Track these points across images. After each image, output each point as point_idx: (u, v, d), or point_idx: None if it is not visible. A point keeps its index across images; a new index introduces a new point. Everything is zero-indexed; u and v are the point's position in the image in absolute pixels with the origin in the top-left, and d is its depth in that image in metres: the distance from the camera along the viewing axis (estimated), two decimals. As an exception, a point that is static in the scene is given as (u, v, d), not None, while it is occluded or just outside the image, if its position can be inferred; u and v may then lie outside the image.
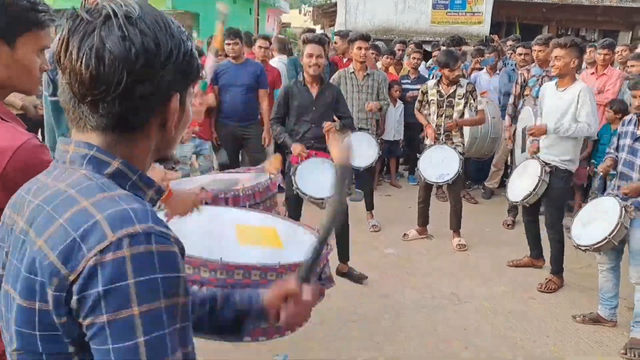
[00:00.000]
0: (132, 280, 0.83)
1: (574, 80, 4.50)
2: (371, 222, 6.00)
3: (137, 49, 0.89)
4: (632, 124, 3.86)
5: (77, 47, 0.89)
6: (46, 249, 0.86)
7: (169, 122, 1.00)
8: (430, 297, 4.48)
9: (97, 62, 0.88)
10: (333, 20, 17.13)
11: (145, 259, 0.84)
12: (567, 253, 4.69)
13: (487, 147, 6.88)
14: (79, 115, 0.95)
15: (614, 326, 4.04)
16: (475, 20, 15.11)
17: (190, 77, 1.01)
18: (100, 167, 0.95)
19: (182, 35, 0.97)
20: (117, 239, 0.83)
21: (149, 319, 0.84)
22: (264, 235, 2.56)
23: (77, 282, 0.83)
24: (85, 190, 0.90)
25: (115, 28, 0.89)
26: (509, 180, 5.12)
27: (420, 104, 5.70)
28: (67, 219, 0.87)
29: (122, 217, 0.86)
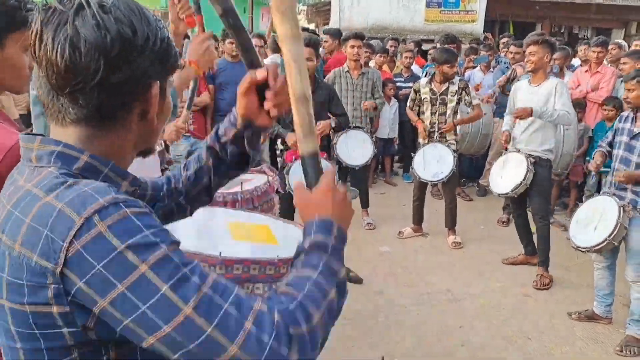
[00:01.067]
0: (122, 245, 0.81)
1: (546, 75, 4.69)
2: (366, 219, 5.99)
3: (113, 36, 0.88)
4: (629, 121, 3.85)
5: (51, 38, 0.88)
6: (27, 252, 0.85)
7: (150, 111, 0.99)
8: (425, 294, 4.47)
9: (73, 52, 0.87)
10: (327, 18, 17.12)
11: (124, 223, 0.83)
12: (562, 250, 4.70)
13: (478, 144, 6.87)
14: (58, 108, 0.93)
15: (609, 323, 4.04)
16: (469, 19, 15.13)
17: (168, 65, 0.99)
18: (69, 163, 0.93)
19: (158, 23, 0.96)
20: (85, 219, 0.82)
21: (161, 267, 0.83)
22: (257, 232, 2.55)
23: (67, 272, 0.82)
24: (48, 187, 0.88)
25: (89, 16, 0.87)
26: (490, 174, 5.15)
27: (413, 102, 5.69)
28: (33, 218, 0.86)
29: (82, 198, 0.84)
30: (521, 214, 5.01)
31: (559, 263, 4.94)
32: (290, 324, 0.88)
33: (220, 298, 0.85)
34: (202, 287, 0.84)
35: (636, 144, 3.73)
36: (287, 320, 0.88)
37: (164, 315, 0.82)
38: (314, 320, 0.92)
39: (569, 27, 16.88)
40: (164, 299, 0.81)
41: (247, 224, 2.66)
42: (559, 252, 4.85)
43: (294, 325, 0.88)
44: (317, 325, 0.92)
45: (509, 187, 4.72)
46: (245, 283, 1.92)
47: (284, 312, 0.89)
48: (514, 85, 5.11)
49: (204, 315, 0.83)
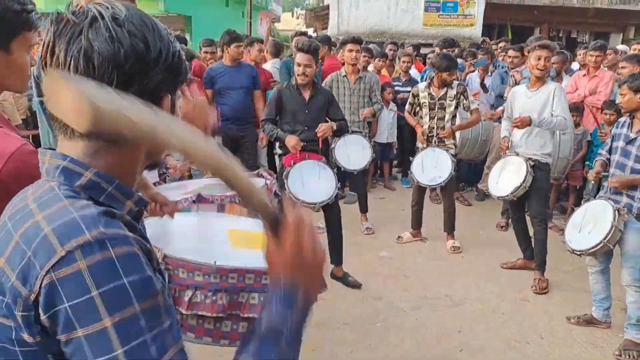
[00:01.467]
0: (96, 291, 0.79)
1: (545, 81, 4.71)
2: (365, 224, 5.99)
3: (126, 50, 0.87)
4: (626, 126, 3.87)
5: (64, 50, 0.87)
6: (8, 270, 0.84)
7: None
8: (424, 298, 4.47)
9: (86, 64, 0.86)
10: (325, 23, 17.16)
11: (105, 266, 0.80)
12: (560, 254, 4.71)
13: (478, 149, 6.88)
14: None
15: (608, 327, 4.04)
16: (467, 23, 15.18)
17: (179, 78, 0.99)
18: (71, 179, 0.91)
19: (170, 37, 0.96)
20: (67, 252, 0.80)
21: (124, 328, 0.80)
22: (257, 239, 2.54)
23: (39, 301, 0.80)
24: (45, 203, 0.87)
25: (102, 29, 0.87)
26: (488, 178, 5.16)
27: (412, 106, 5.70)
28: (21, 235, 0.85)
29: (69, 227, 0.82)
30: (520, 218, 5.02)
31: (557, 267, 4.95)
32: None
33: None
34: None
35: (631, 149, 3.75)
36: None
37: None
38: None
39: (567, 31, 16.94)
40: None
41: (246, 231, 2.65)
42: (558, 257, 4.85)
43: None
44: None
45: (508, 190, 4.73)
46: (241, 292, 1.91)
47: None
48: (512, 91, 5.12)
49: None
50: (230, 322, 1.93)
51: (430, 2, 15.12)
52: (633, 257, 3.71)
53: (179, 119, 1.06)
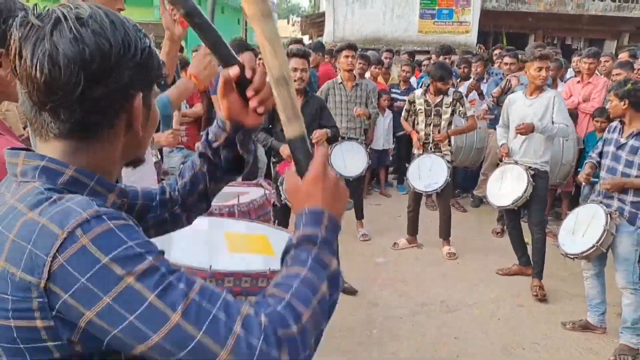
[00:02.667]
0: (106, 258, 0.81)
1: (543, 88, 4.72)
2: (361, 231, 5.99)
3: (91, 50, 0.87)
4: (617, 131, 3.91)
5: (30, 54, 0.87)
6: (11, 268, 0.84)
7: (134, 122, 0.98)
8: (420, 305, 4.48)
9: (52, 67, 0.86)
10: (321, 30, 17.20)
11: (107, 236, 0.83)
12: (555, 260, 4.72)
13: (473, 157, 6.85)
14: (40, 123, 0.93)
15: (603, 332, 4.05)
16: (463, 30, 15.25)
17: (151, 75, 0.99)
18: (53, 178, 0.93)
19: (139, 33, 0.95)
20: (68, 233, 0.82)
21: (147, 277, 0.82)
22: (254, 243, 2.55)
23: (51, 286, 0.82)
24: (32, 202, 0.88)
25: (66, 31, 0.87)
26: (486, 187, 5.16)
27: (408, 113, 5.72)
28: (16, 234, 0.86)
29: (65, 212, 0.84)
30: (515, 225, 5.02)
31: (553, 273, 4.96)
32: (279, 326, 0.87)
33: (209, 303, 0.85)
34: (189, 293, 0.84)
35: (622, 154, 3.78)
36: (275, 322, 0.87)
37: (152, 325, 0.81)
38: (303, 319, 0.90)
39: (562, 38, 17.03)
40: (151, 308, 0.81)
41: (244, 234, 2.66)
42: (553, 262, 4.86)
43: (283, 327, 0.87)
44: (308, 324, 0.91)
45: (508, 200, 4.72)
46: (238, 296, 1.92)
47: (272, 314, 0.88)
48: (509, 97, 5.13)
49: (193, 321, 0.82)
50: None
51: (425, 9, 15.18)
52: (625, 260, 3.74)
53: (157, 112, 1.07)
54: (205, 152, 1.28)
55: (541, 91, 4.69)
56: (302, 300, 0.92)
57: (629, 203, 3.73)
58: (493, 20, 15.67)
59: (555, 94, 4.70)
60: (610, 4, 15.74)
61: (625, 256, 3.74)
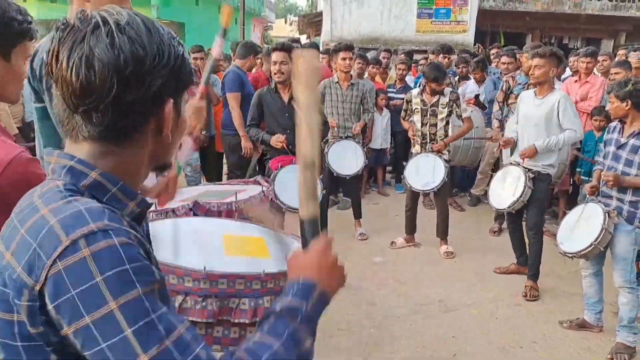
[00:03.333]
0: (100, 277, 0.82)
1: (552, 88, 4.62)
2: (359, 230, 5.99)
3: (126, 55, 0.89)
4: (617, 131, 3.90)
5: (66, 57, 0.89)
6: (14, 262, 0.86)
7: (164, 128, 0.99)
8: (418, 304, 4.48)
9: (87, 71, 0.88)
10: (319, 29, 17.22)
11: (108, 253, 0.83)
12: (553, 259, 4.72)
13: (470, 156, 6.88)
14: (72, 125, 0.95)
15: (600, 331, 4.06)
16: (460, 29, 15.25)
17: (182, 82, 1.00)
18: (77, 178, 0.94)
19: (173, 41, 0.97)
20: (72, 242, 0.82)
21: (130, 309, 0.83)
22: (251, 245, 2.54)
23: (45, 291, 0.82)
24: (50, 199, 0.90)
25: (103, 36, 0.89)
26: (489, 187, 5.15)
27: (405, 112, 5.73)
28: (27, 229, 0.87)
29: (75, 218, 0.85)
30: (516, 224, 5.00)
31: (550, 272, 4.96)
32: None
33: (180, 355, 0.85)
34: (165, 340, 0.84)
35: (622, 154, 3.78)
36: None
37: (120, 358, 0.82)
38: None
39: (559, 37, 17.04)
40: (124, 342, 0.82)
41: (242, 236, 2.65)
42: (551, 261, 4.87)
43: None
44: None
45: (506, 203, 4.71)
46: (232, 298, 1.91)
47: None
48: (520, 95, 5.04)
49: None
50: (221, 328, 1.93)
51: (423, 9, 15.18)
52: (623, 259, 3.75)
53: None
54: None
55: (549, 90, 4.59)
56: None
57: (627, 202, 3.74)
58: (490, 19, 15.69)
59: (561, 97, 4.55)
60: (607, 3, 15.76)
61: (623, 255, 3.75)
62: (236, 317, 1.91)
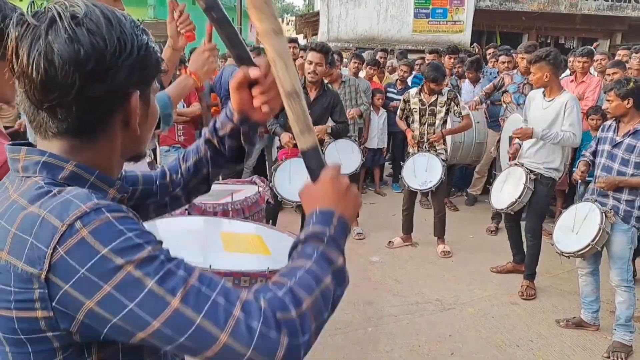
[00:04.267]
0: (105, 248, 0.82)
1: (560, 90, 4.54)
2: (356, 229, 6.00)
3: (86, 49, 0.87)
4: (612, 130, 3.92)
5: (26, 54, 0.87)
6: (13, 260, 0.85)
7: (131, 120, 0.98)
8: (415, 303, 4.49)
9: (48, 67, 0.86)
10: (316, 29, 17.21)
11: (106, 228, 0.84)
12: (549, 258, 4.74)
13: (474, 152, 6.86)
14: (39, 122, 0.94)
15: (596, 330, 4.08)
16: (457, 29, 15.27)
17: (148, 72, 0.99)
18: (54, 172, 0.94)
19: (136, 29, 0.95)
20: (68, 225, 0.82)
21: (146, 265, 0.84)
22: (250, 243, 2.55)
23: (52, 277, 0.82)
24: (33, 196, 0.89)
25: (61, 30, 0.87)
26: (492, 187, 5.16)
27: (402, 112, 5.74)
28: (17, 227, 0.87)
29: (65, 205, 0.85)
30: (513, 224, 5.01)
31: (546, 271, 4.98)
32: (278, 309, 0.89)
33: (208, 288, 0.86)
34: (189, 279, 0.85)
35: (618, 152, 3.80)
36: (274, 305, 0.89)
37: (152, 311, 0.82)
38: (303, 305, 0.92)
39: (555, 37, 17.08)
40: (151, 294, 0.82)
41: (240, 234, 2.66)
42: (547, 260, 4.89)
43: (282, 310, 0.89)
44: (308, 311, 0.92)
45: (505, 203, 4.72)
46: None
47: (271, 298, 0.90)
48: (529, 95, 4.97)
49: (192, 306, 0.83)
50: None
51: (419, 9, 15.19)
52: (620, 258, 3.77)
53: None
54: (211, 139, 1.31)
55: (558, 92, 4.52)
56: (304, 287, 0.94)
57: (623, 202, 3.76)
58: (487, 19, 15.71)
59: (569, 99, 4.45)
60: (603, 3, 15.80)
61: (620, 254, 3.77)
62: None
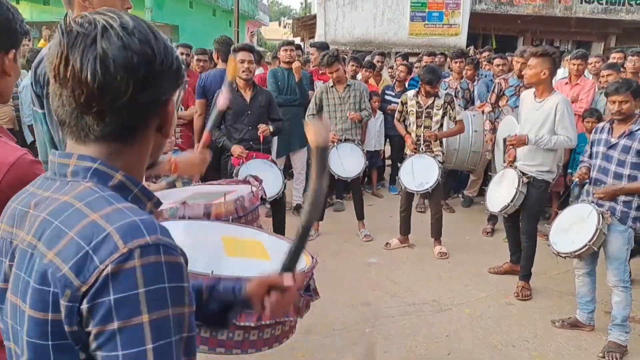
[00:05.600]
0: (143, 289, 0.85)
1: (551, 90, 4.51)
2: (363, 231, 6.04)
3: (139, 57, 0.93)
4: (606, 131, 3.95)
5: (79, 60, 0.91)
6: (58, 262, 0.88)
7: (166, 125, 1.04)
8: (412, 304, 4.52)
9: (103, 72, 0.91)
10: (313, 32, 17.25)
11: (155, 269, 0.87)
12: (545, 259, 4.77)
13: (469, 160, 6.79)
14: (81, 126, 0.97)
15: (592, 330, 4.11)
16: (453, 32, 15.34)
17: (180, 82, 1.05)
18: (104, 180, 0.97)
19: (168, 43, 1.01)
20: (129, 250, 0.86)
21: (158, 326, 0.87)
22: (250, 248, 2.57)
23: (89, 292, 0.85)
24: (94, 203, 0.92)
25: (114, 37, 0.92)
26: (487, 189, 5.20)
27: (400, 114, 5.78)
28: (77, 232, 0.89)
29: (132, 228, 0.88)
30: (511, 224, 5.02)
31: (542, 272, 5.02)
32: None
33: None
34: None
35: (613, 154, 3.83)
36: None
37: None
38: None
39: (550, 40, 17.17)
40: (142, 356, 0.85)
41: (240, 239, 2.68)
42: (543, 261, 4.91)
43: None
44: None
45: (498, 206, 4.75)
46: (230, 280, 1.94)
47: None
48: (521, 95, 4.99)
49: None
50: (226, 331, 1.95)
51: (416, 12, 15.27)
52: (617, 259, 3.80)
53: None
54: (202, 291, 1.39)
55: (549, 93, 4.48)
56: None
57: (620, 203, 3.79)
58: (482, 22, 15.79)
59: (560, 101, 4.39)
60: (598, 6, 15.89)
61: (617, 255, 3.80)
62: (241, 321, 1.94)
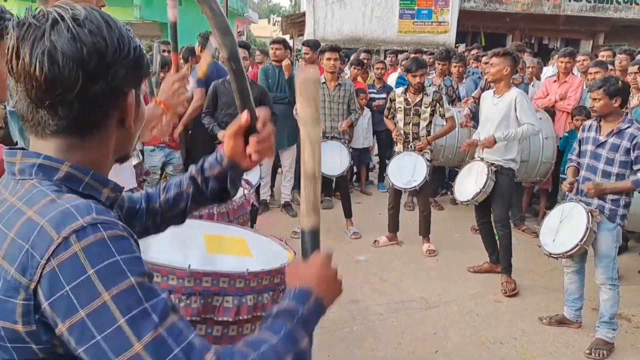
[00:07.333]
0: (92, 269, 0.83)
1: (508, 87, 4.72)
2: (352, 229, 6.04)
3: (89, 48, 0.90)
4: (593, 130, 3.95)
5: (29, 53, 0.90)
6: (6, 265, 0.87)
7: (127, 118, 1.02)
8: (400, 302, 4.52)
9: (51, 65, 0.89)
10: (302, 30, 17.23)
11: (98, 247, 0.85)
12: (532, 256, 4.78)
13: (456, 157, 6.85)
14: (37, 121, 0.95)
15: (579, 327, 4.12)
16: (442, 30, 15.37)
17: (141, 73, 1.03)
18: (50, 174, 0.95)
19: (129, 32, 0.99)
20: (63, 238, 0.84)
21: (123, 299, 0.84)
22: (233, 245, 2.55)
23: (39, 289, 0.84)
24: (31, 200, 0.91)
25: (64, 30, 0.90)
26: (454, 182, 5.28)
27: (389, 110, 5.77)
28: (16, 232, 0.88)
29: (63, 216, 0.86)
30: (485, 223, 5.06)
31: (529, 269, 5.03)
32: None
33: (174, 342, 0.86)
34: (158, 327, 0.86)
35: (602, 152, 3.83)
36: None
37: (115, 348, 0.83)
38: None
39: (539, 38, 17.23)
40: (118, 331, 0.83)
41: (223, 236, 2.66)
42: (530, 259, 4.93)
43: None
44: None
45: (469, 195, 4.81)
46: (215, 296, 1.92)
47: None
48: (482, 95, 5.20)
49: (152, 355, 0.84)
50: (204, 326, 1.94)
51: (405, 9, 15.28)
52: (606, 257, 3.80)
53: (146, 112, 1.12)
54: (196, 177, 1.36)
55: (507, 89, 4.69)
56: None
57: (609, 201, 3.79)
58: (471, 20, 15.83)
59: (517, 94, 4.66)
60: (586, 4, 15.98)
61: (606, 253, 3.80)
62: (219, 316, 1.93)
